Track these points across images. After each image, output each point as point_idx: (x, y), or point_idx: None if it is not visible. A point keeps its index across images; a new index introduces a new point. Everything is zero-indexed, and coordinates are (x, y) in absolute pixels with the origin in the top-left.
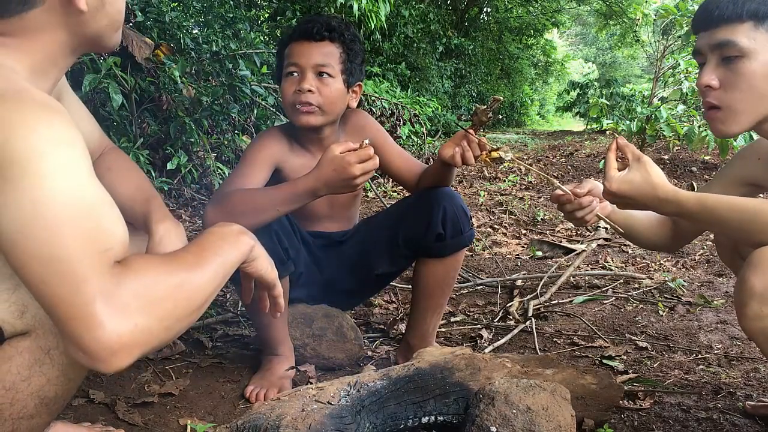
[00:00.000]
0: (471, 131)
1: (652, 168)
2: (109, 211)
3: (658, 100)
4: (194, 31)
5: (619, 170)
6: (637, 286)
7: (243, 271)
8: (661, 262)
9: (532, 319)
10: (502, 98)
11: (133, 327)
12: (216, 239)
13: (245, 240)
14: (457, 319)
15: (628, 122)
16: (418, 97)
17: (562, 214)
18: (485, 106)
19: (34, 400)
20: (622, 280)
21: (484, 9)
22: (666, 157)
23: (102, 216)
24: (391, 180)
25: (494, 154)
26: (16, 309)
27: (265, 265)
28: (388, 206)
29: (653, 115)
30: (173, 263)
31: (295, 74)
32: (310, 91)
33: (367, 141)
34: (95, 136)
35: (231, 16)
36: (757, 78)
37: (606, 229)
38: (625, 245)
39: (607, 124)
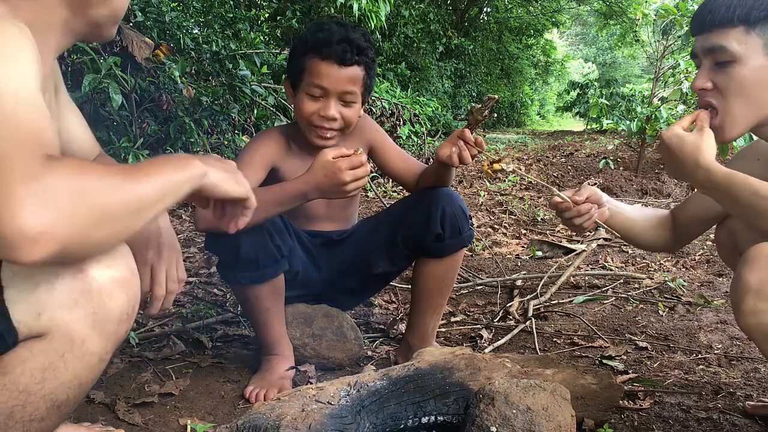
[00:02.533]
0: (467, 130)
1: (709, 139)
2: (50, 124)
3: (658, 100)
4: (194, 31)
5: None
6: (637, 286)
7: (209, 197)
8: (661, 262)
9: (532, 319)
10: (497, 96)
11: (56, 215)
12: (159, 161)
13: (195, 163)
14: (457, 319)
15: (628, 122)
16: (418, 97)
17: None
18: (480, 105)
19: (46, 403)
20: (622, 280)
21: (484, 9)
22: None
23: (42, 122)
24: (391, 180)
25: (496, 166)
26: (33, 310)
27: (230, 185)
28: (388, 206)
29: (653, 115)
30: (109, 168)
31: (318, 95)
32: (334, 119)
33: (360, 149)
34: (88, 142)
35: (231, 16)
36: (748, 83)
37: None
38: (625, 245)
39: (607, 124)
